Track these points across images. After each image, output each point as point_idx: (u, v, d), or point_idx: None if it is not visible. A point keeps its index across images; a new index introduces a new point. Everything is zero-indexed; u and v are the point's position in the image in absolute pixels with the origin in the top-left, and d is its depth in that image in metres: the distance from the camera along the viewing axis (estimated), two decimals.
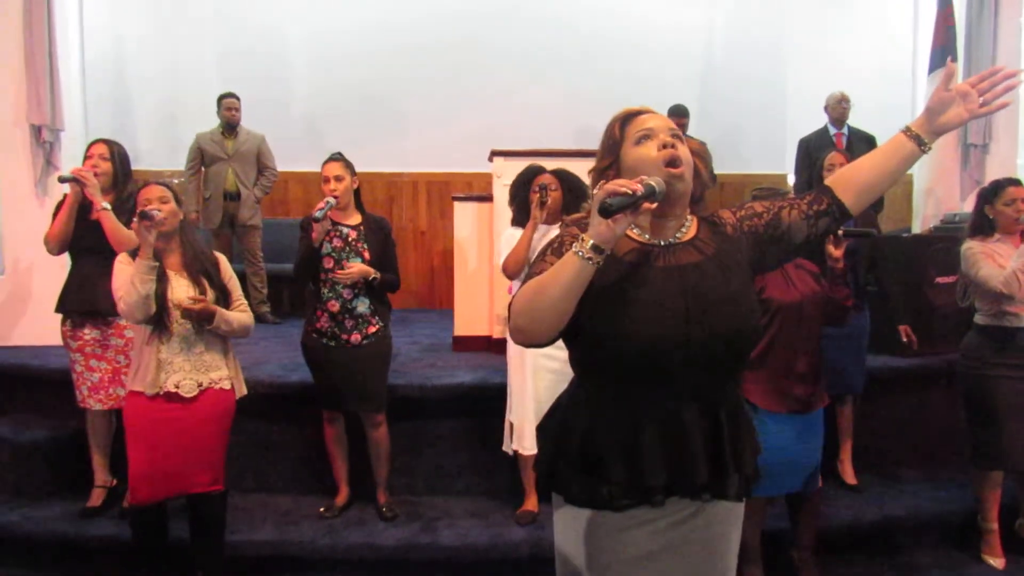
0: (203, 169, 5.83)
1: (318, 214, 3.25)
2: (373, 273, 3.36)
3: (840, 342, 3.50)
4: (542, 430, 1.73)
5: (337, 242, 3.40)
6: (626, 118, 1.65)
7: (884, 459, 4.11)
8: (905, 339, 3.92)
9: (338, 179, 3.38)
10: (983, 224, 3.34)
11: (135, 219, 2.70)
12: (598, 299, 1.52)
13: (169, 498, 2.88)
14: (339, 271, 3.34)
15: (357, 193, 3.49)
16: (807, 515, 3.12)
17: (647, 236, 1.62)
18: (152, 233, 2.69)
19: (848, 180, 1.65)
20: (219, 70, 6.82)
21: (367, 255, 3.41)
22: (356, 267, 3.34)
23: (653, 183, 1.45)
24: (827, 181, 1.69)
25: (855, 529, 3.52)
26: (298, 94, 6.97)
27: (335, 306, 3.39)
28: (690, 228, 1.64)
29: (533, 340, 1.53)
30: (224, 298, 2.91)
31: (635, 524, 1.58)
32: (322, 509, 3.57)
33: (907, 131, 1.61)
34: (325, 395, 3.51)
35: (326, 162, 3.45)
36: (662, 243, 1.61)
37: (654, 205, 1.46)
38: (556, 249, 1.59)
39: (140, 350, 2.84)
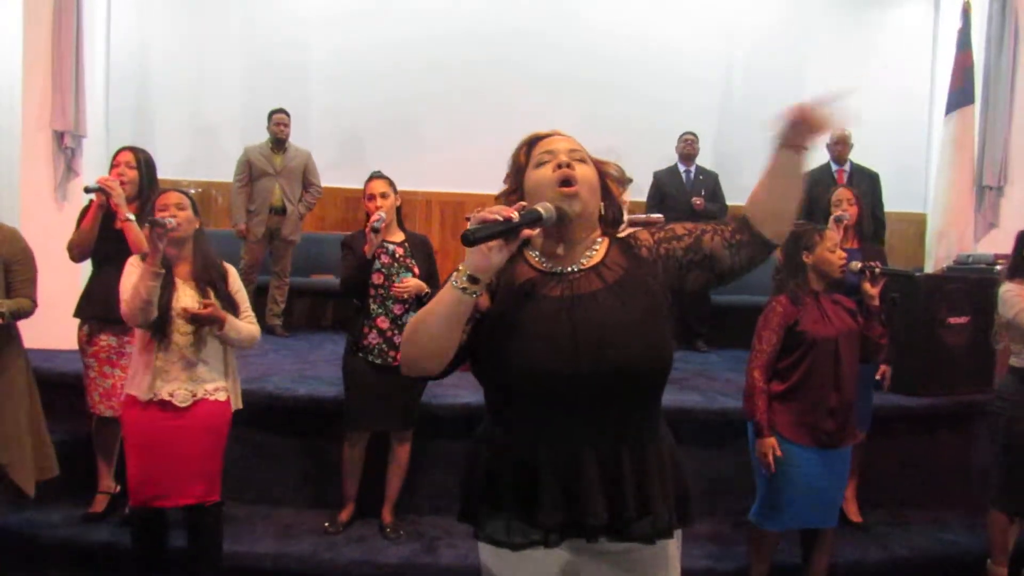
0: (250, 182, 5.86)
1: (376, 225, 3.27)
2: (427, 288, 3.39)
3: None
4: (463, 460, 1.66)
5: (385, 258, 3.41)
6: (532, 142, 1.60)
7: (890, 499, 4.07)
8: (879, 377, 3.91)
9: (383, 196, 3.41)
10: (1022, 267, 3.35)
11: (146, 225, 2.69)
12: (492, 329, 1.48)
13: (167, 507, 2.86)
14: (396, 285, 3.37)
15: (398, 211, 3.52)
16: (821, 552, 3.10)
17: (548, 263, 1.56)
18: (163, 240, 2.68)
19: (756, 209, 1.56)
20: (241, 84, 6.91)
21: (416, 270, 3.44)
22: (412, 282, 3.38)
23: (540, 208, 1.41)
24: (743, 210, 1.58)
25: (860, 568, 3.49)
26: (317, 110, 7.02)
27: (384, 322, 3.41)
28: (598, 253, 1.56)
29: (422, 371, 1.49)
30: (231, 310, 2.88)
31: (538, 560, 1.51)
32: (326, 523, 3.56)
33: (781, 143, 1.52)
34: (359, 415, 3.47)
35: (369, 179, 3.47)
36: (562, 271, 1.54)
37: (535, 231, 1.42)
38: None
39: (138, 355, 2.84)
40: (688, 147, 6.18)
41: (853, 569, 3.47)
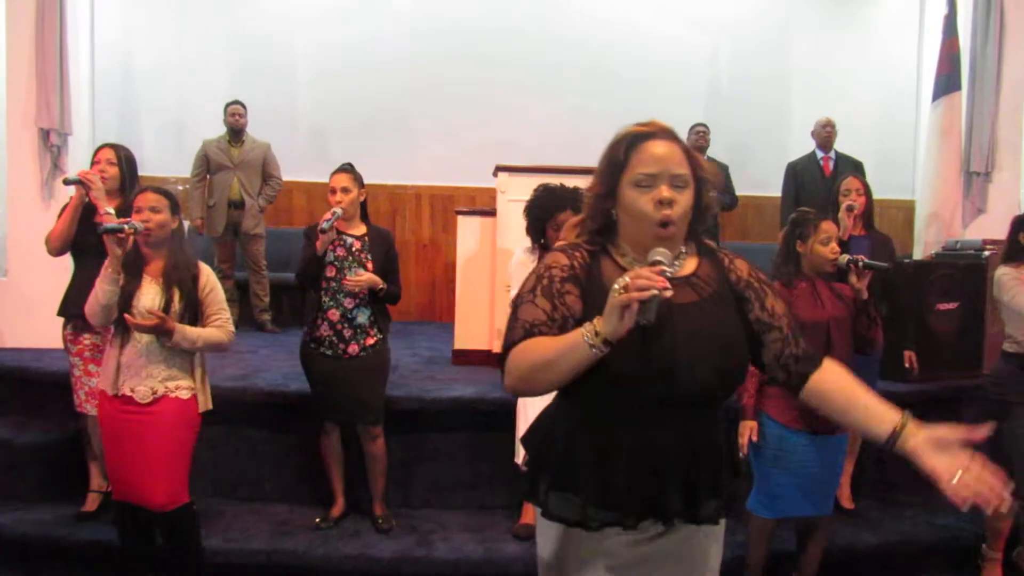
0: (208, 176, 5.81)
1: (324, 225, 3.24)
2: (381, 283, 3.37)
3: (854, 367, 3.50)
4: (526, 442, 1.72)
5: (340, 251, 3.40)
6: (633, 141, 1.55)
7: (881, 484, 4.09)
8: (907, 364, 3.95)
9: (345, 191, 3.39)
10: (1016, 251, 3.38)
11: (98, 228, 2.64)
12: None
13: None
14: (349, 278, 3.33)
15: (363, 205, 3.50)
16: (816, 541, 3.10)
17: (635, 267, 1.56)
18: (121, 246, 2.66)
19: (824, 386, 1.65)
20: (227, 79, 6.85)
21: (370, 266, 3.41)
22: (365, 276, 3.34)
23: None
24: (815, 375, 1.64)
25: (851, 554, 3.51)
26: (304, 104, 6.99)
27: (335, 315, 3.39)
28: (686, 263, 1.60)
29: (528, 395, 1.66)
30: (193, 312, 2.81)
31: (609, 538, 1.56)
32: (317, 520, 3.56)
33: (900, 421, 1.53)
34: (322, 406, 3.50)
35: (334, 173, 3.45)
36: None
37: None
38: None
39: (107, 349, 2.86)
40: (700, 139, 6.12)
41: (845, 554, 3.48)
